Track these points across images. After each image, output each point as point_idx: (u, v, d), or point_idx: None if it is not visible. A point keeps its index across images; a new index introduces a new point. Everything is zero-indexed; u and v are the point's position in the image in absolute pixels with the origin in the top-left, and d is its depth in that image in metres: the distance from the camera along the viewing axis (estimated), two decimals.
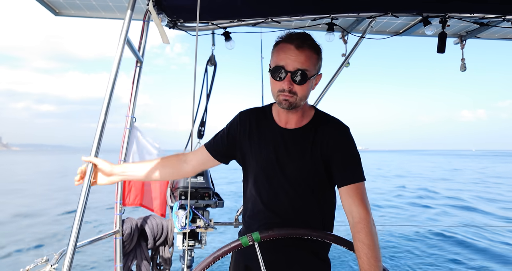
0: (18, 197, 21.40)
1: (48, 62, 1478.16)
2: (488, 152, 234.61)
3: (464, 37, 3.18)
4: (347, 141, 1.57)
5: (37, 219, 14.72)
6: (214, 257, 1.39)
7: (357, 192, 1.46)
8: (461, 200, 19.10)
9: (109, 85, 1.73)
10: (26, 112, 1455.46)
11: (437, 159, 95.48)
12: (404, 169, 50.12)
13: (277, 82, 1.47)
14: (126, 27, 1.84)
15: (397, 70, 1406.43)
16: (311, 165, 1.55)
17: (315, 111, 1.65)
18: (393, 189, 23.80)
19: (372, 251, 1.33)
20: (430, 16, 2.57)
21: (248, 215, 1.70)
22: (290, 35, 1.49)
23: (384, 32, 3.16)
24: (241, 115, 1.71)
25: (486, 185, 27.46)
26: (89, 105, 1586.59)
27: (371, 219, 1.41)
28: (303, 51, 1.44)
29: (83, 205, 1.53)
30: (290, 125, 1.60)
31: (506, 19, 2.57)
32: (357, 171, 1.51)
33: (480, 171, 45.56)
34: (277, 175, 1.58)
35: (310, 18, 2.65)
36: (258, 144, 1.62)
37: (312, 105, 1.68)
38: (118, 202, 2.57)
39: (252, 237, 1.41)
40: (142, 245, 2.83)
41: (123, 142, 2.55)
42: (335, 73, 3.24)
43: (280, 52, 1.48)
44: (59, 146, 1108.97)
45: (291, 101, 1.47)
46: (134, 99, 2.50)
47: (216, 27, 2.78)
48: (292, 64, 1.43)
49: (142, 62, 2.49)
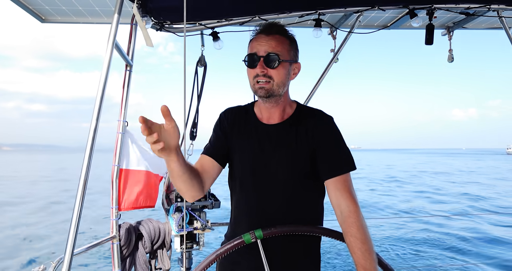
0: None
1: (38, 61, 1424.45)
2: (478, 150, 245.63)
3: (451, 28, 3.20)
4: (332, 131, 1.55)
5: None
6: (216, 255, 1.39)
7: (344, 185, 1.45)
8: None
9: (99, 89, 1.73)
10: (17, 112, 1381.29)
11: (419, 157, 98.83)
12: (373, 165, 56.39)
13: (252, 70, 1.47)
14: (114, 31, 1.84)
15: (387, 68, 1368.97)
16: (298, 158, 1.53)
17: (297, 104, 1.64)
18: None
19: (365, 244, 1.31)
20: (416, 8, 2.58)
21: (235, 216, 1.66)
22: (260, 26, 1.52)
23: (373, 26, 3.17)
24: (225, 114, 1.69)
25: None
26: (80, 104, 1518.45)
27: (360, 212, 1.40)
28: (273, 36, 1.47)
29: (78, 212, 1.52)
30: (273, 120, 1.59)
31: (491, 8, 2.59)
32: (343, 162, 1.50)
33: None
34: (263, 171, 1.55)
35: (298, 15, 2.65)
36: (241, 143, 1.60)
37: (294, 100, 1.66)
38: (113, 207, 2.56)
39: (254, 234, 1.40)
40: (139, 249, 2.82)
41: (116, 146, 2.54)
42: (325, 69, 3.24)
43: (252, 42, 1.50)
44: (50, 145, 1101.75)
45: (267, 88, 1.46)
46: (125, 103, 2.49)
47: (204, 27, 2.77)
48: (263, 49, 1.45)
49: (132, 65, 2.49)
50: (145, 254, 2.86)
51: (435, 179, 31.88)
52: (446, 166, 53.13)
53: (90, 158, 1.63)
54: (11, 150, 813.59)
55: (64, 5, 2.55)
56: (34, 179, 34.85)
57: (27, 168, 59.22)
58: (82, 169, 1.60)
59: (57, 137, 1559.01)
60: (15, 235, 12.66)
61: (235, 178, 1.65)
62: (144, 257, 2.84)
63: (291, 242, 1.54)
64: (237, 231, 1.56)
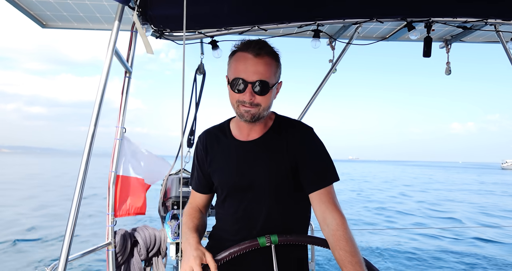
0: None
1: (40, 64, 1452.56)
2: (473, 165, 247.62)
3: (449, 41, 3.24)
4: (313, 143, 1.52)
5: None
6: (230, 252, 1.39)
7: (329, 197, 1.43)
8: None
9: (98, 94, 1.73)
10: (16, 114, 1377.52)
11: (411, 169, 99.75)
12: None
13: (237, 95, 1.40)
14: (114, 38, 1.85)
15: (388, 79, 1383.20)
16: (280, 172, 1.49)
17: (275, 115, 1.60)
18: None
19: (355, 256, 1.29)
20: (414, 21, 2.61)
21: (219, 225, 1.65)
22: (246, 43, 1.43)
23: (371, 38, 3.20)
24: (200, 139, 1.67)
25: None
26: (80, 108, 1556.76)
27: (347, 224, 1.37)
28: (262, 58, 1.39)
29: (74, 217, 1.51)
30: (252, 136, 1.55)
31: (488, 22, 2.62)
32: (326, 174, 1.47)
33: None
34: (246, 189, 1.52)
35: (297, 25, 2.68)
36: (221, 164, 1.57)
37: (272, 111, 1.59)
38: (109, 214, 2.55)
39: (270, 238, 1.41)
40: (134, 256, 2.81)
41: (113, 152, 2.54)
42: (323, 80, 3.26)
43: (238, 63, 1.41)
44: (48, 148, 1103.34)
45: (254, 112, 1.41)
46: (124, 110, 2.50)
47: (203, 36, 2.79)
48: (252, 75, 1.37)
49: (131, 72, 2.50)
50: (140, 261, 2.85)
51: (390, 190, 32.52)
52: (417, 178, 55.07)
53: (87, 163, 1.63)
54: (10, 152, 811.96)
55: (65, 11, 2.58)
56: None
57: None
58: (79, 173, 1.59)
59: (56, 140, 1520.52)
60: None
61: (219, 197, 1.64)
62: (139, 264, 2.82)
63: (287, 251, 1.53)
64: (219, 245, 1.53)
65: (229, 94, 1.46)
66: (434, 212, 18.57)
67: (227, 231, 1.59)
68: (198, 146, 1.66)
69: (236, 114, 1.48)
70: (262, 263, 1.49)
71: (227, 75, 1.48)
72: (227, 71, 1.49)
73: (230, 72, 1.45)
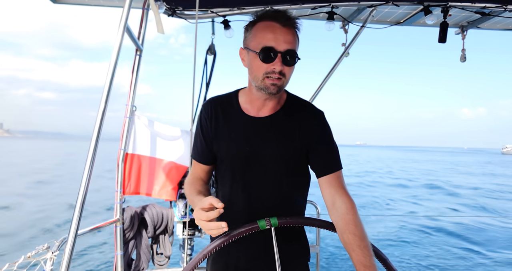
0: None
1: (51, 50, 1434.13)
2: (477, 150, 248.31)
3: (465, 28, 3.16)
4: (325, 128, 1.50)
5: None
6: (230, 236, 1.39)
7: (338, 181, 1.42)
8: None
9: (108, 74, 1.72)
10: (27, 99, 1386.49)
11: (411, 154, 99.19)
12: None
13: (266, 65, 1.34)
14: (126, 15, 1.82)
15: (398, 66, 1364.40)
16: (290, 153, 1.47)
17: (287, 94, 1.56)
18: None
19: (363, 240, 1.29)
20: (431, 5, 2.55)
21: (224, 213, 1.64)
22: (274, 12, 1.37)
23: (385, 22, 3.14)
24: (205, 107, 1.57)
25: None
26: (90, 93, 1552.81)
27: (356, 208, 1.36)
28: (289, 29, 1.35)
29: (83, 193, 1.53)
30: (263, 112, 1.49)
31: (507, 9, 2.55)
32: (336, 159, 1.46)
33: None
34: (253, 168, 1.49)
35: (310, 7, 2.63)
36: (228, 139, 1.51)
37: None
38: (118, 191, 2.58)
39: (270, 221, 1.41)
40: (142, 233, 2.85)
41: (123, 130, 2.55)
42: (335, 64, 3.22)
43: (266, 32, 1.35)
44: (59, 133, 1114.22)
45: (279, 84, 1.36)
46: (134, 88, 2.50)
47: (216, 15, 2.76)
48: (282, 44, 1.32)
49: (142, 50, 2.49)
50: (148, 239, 2.90)
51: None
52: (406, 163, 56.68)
53: (96, 144, 1.63)
54: (23, 136, 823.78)
55: None
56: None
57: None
58: (88, 154, 1.60)
59: (66, 124, 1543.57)
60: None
61: (223, 176, 1.58)
62: (146, 242, 2.87)
63: (287, 230, 1.49)
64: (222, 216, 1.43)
65: (252, 67, 1.39)
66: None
67: (228, 210, 1.58)
68: (202, 114, 1.57)
69: (257, 87, 1.40)
70: (263, 245, 1.49)
71: (247, 46, 1.40)
72: (246, 42, 1.42)
73: (255, 42, 1.37)
